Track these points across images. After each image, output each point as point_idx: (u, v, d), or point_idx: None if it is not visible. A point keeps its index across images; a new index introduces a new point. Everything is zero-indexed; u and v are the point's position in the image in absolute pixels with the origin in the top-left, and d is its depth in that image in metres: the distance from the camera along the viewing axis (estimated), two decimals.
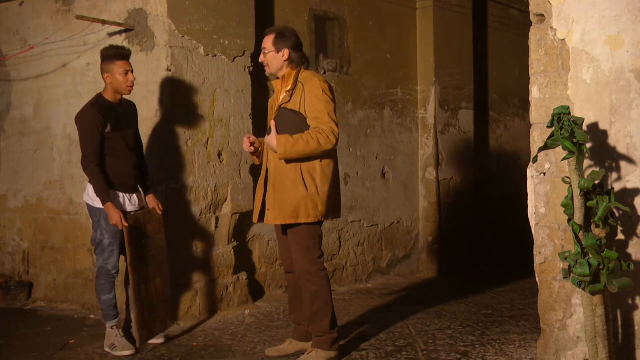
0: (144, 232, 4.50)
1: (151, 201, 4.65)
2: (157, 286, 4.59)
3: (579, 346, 3.37)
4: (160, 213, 4.64)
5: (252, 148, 4.21)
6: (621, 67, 3.23)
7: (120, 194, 4.46)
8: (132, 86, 4.47)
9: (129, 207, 4.49)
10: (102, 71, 4.45)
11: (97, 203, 4.39)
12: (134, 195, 4.55)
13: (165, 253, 4.70)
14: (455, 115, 7.73)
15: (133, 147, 4.56)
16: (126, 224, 4.32)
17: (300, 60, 4.09)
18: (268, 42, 4.10)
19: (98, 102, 4.44)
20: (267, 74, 4.27)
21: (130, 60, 4.51)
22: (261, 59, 4.17)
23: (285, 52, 4.07)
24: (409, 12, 7.48)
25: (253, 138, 4.24)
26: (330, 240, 6.55)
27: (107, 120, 4.38)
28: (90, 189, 4.44)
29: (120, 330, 4.48)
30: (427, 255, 7.53)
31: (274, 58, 4.09)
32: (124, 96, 4.55)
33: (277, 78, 4.17)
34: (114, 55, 4.42)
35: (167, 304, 4.71)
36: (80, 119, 4.41)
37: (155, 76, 5.22)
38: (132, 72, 4.47)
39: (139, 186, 4.63)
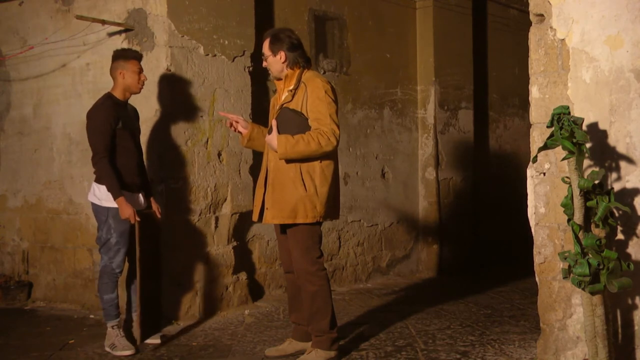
0: (150, 231, 4.55)
1: (152, 204, 4.72)
2: (154, 285, 4.63)
3: (579, 346, 3.37)
4: (159, 217, 4.71)
5: (233, 128, 4.26)
6: (621, 67, 3.23)
7: (127, 193, 4.48)
8: (143, 85, 4.59)
9: (136, 206, 4.52)
10: (116, 68, 4.53)
11: (105, 202, 4.43)
12: (140, 195, 4.61)
13: (159, 255, 4.75)
14: (455, 115, 7.72)
15: (138, 147, 4.65)
16: (138, 219, 4.37)
17: (296, 60, 4.10)
18: (265, 46, 4.16)
19: (110, 99, 4.52)
20: (272, 77, 4.32)
21: None
22: (264, 64, 4.22)
23: (282, 55, 4.10)
24: (409, 12, 7.48)
25: (242, 123, 4.26)
26: (329, 240, 6.55)
27: (118, 116, 4.46)
28: (96, 188, 4.47)
29: (120, 330, 4.49)
30: (427, 255, 7.52)
31: (273, 62, 4.14)
32: (129, 101, 4.65)
33: (280, 79, 4.19)
34: (131, 55, 4.57)
35: (159, 304, 4.75)
36: (92, 114, 4.48)
37: (154, 76, 5.21)
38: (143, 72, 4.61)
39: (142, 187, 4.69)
